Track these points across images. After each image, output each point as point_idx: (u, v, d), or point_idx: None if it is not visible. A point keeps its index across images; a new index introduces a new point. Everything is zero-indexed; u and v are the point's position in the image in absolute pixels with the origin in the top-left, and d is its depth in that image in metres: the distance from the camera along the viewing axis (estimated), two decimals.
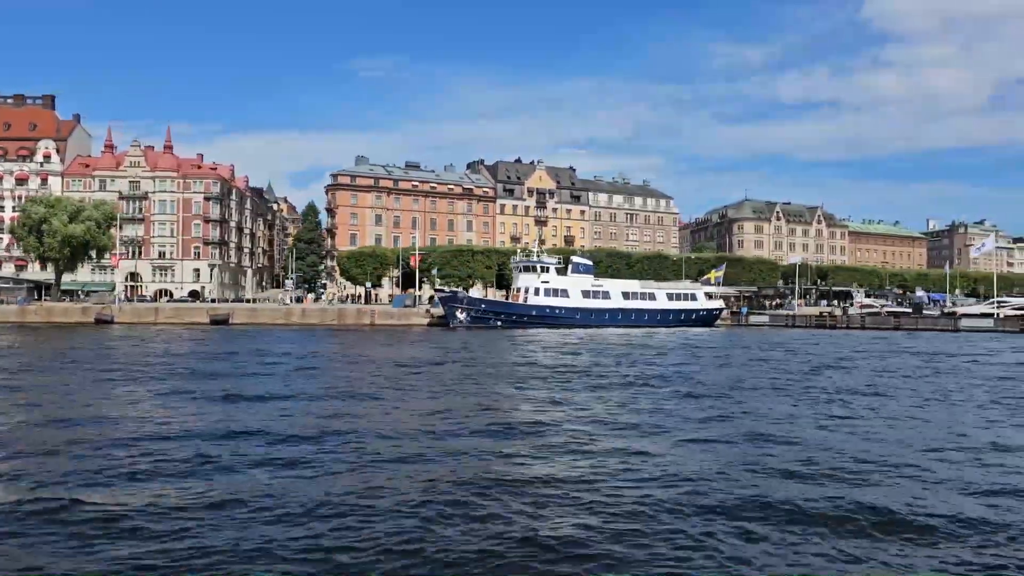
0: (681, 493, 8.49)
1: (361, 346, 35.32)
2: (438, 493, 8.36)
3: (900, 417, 14.69)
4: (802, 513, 7.78)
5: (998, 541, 7.07)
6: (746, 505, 8.04)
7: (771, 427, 13.17)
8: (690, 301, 66.56)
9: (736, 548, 6.76)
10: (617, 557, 6.54)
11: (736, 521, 7.51)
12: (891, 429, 13.31)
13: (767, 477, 9.39)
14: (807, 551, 6.73)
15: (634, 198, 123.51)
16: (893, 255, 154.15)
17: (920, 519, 7.64)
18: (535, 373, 22.22)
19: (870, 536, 7.17)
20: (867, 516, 7.70)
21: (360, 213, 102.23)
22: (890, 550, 6.81)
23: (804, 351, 34.00)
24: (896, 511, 7.86)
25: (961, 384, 20.74)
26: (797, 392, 18.64)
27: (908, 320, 57.79)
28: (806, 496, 8.38)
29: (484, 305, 59.39)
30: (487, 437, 11.90)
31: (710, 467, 9.86)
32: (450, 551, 6.66)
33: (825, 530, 7.29)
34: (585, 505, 8.04)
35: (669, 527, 7.29)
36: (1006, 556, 6.70)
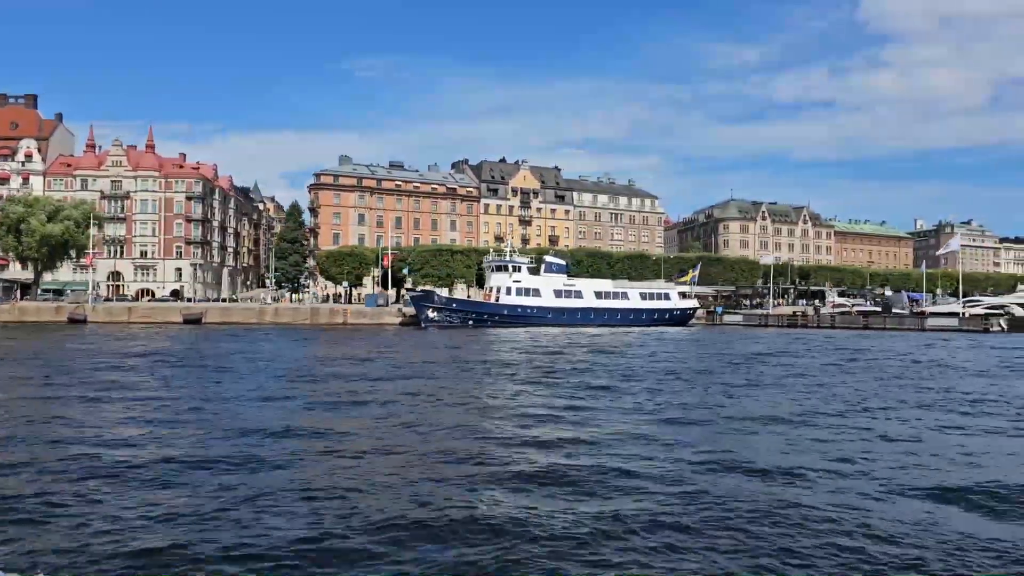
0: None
1: (314, 345, 35.63)
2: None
3: (704, 405, 14.98)
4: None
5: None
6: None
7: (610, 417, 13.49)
8: (663, 301, 66.95)
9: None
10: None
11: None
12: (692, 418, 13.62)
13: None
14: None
15: (619, 198, 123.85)
16: (879, 255, 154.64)
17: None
18: (464, 369, 22.55)
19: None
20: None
21: (343, 212, 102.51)
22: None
23: (738, 349, 34.33)
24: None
25: (837, 379, 21.04)
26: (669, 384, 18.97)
27: (876, 319, 58.22)
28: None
29: (455, 304, 59.75)
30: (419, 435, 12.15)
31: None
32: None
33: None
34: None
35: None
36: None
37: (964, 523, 7.27)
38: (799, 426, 12.90)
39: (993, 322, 52.17)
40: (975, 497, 8.16)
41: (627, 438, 11.51)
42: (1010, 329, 52.03)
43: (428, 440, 11.27)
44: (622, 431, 12.10)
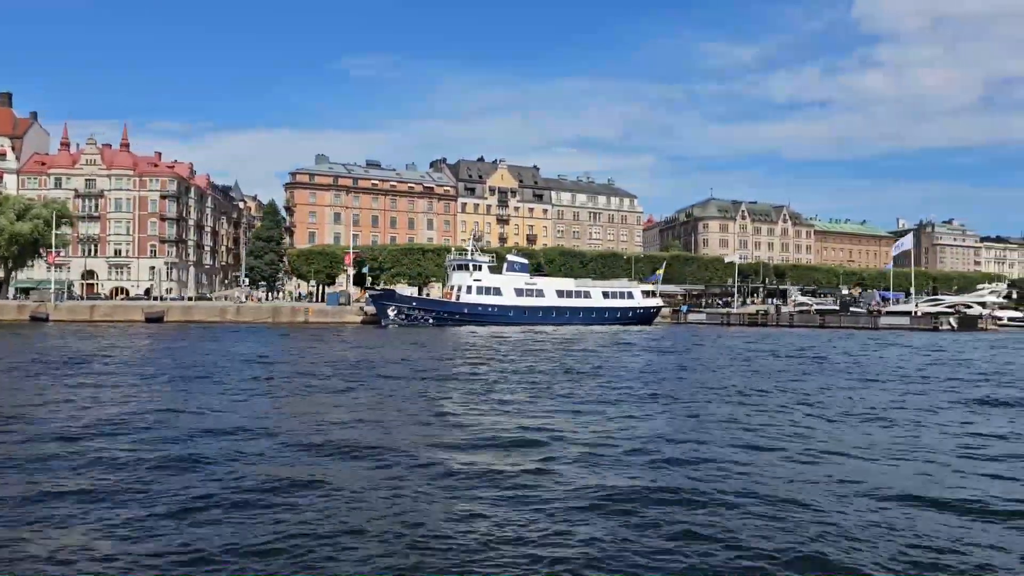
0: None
1: (263, 343, 36.01)
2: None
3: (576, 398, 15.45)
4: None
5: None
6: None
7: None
8: (626, 299, 67.39)
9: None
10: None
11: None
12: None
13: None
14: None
15: (598, 197, 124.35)
16: (860, 254, 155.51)
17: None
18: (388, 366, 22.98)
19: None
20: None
21: (318, 211, 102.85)
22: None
23: (680, 346, 34.84)
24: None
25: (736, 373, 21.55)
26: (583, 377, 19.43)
27: (832, 318, 58.90)
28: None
29: (415, 303, 60.13)
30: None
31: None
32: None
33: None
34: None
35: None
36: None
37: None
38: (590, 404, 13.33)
39: (943, 321, 52.82)
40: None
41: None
42: (959, 328, 52.72)
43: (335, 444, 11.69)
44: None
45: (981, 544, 6.72)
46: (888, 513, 7.60)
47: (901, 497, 8.16)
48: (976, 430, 12.57)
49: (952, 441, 11.56)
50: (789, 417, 13.84)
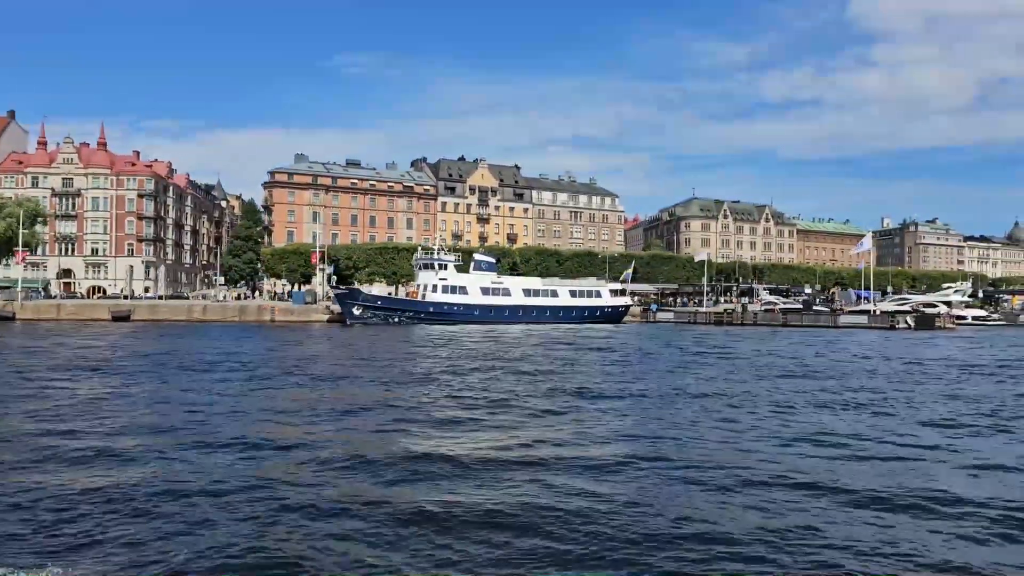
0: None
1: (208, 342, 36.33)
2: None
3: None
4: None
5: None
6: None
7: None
8: (594, 298, 67.76)
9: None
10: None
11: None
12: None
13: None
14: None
15: (579, 196, 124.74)
16: (842, 253, 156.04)
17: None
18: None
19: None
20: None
21: (297, 210, 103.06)
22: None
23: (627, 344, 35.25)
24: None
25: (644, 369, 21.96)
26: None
27: (795, 317, 59.40)
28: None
29: (380, 302, 60.44)
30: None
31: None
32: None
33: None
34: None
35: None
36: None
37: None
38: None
39: (899, 320, 53.33)
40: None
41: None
42: (917, 327, 53.22)
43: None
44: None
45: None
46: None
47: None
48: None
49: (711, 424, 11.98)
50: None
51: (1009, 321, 68.14)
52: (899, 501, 8.02)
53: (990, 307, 76.93)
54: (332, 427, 12.37)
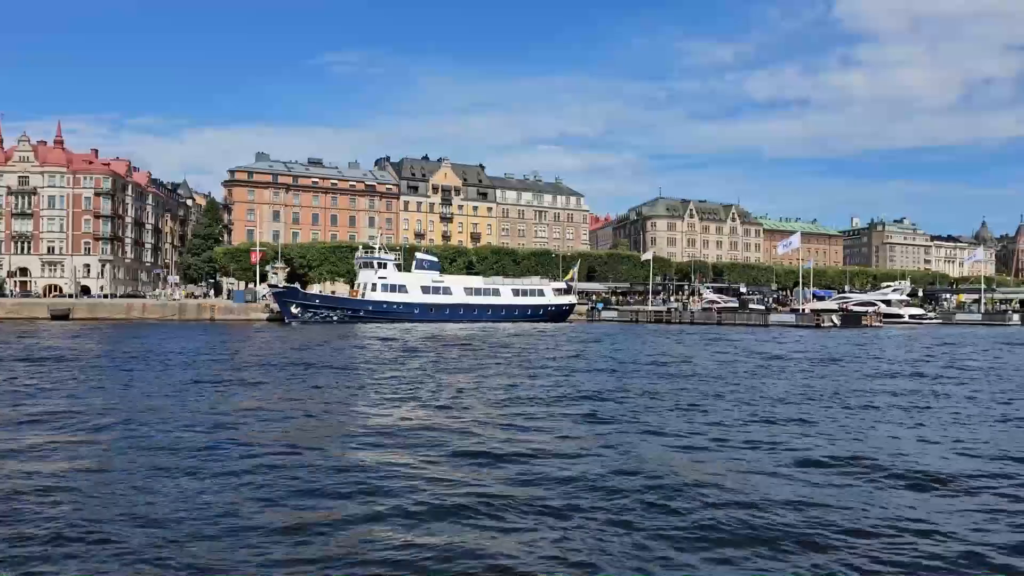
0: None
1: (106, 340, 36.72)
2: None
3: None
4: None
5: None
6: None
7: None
8: (537, 297, 68.44)
9: None
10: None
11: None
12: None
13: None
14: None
15: (544, 195, 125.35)
16: (810, 252, 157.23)
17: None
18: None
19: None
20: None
21: (257, 209, 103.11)
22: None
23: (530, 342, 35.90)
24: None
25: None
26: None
27: (729, 315, 60.34)
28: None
29: (318, 300, 60.89)
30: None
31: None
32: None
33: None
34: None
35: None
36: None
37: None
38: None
39: (825, 318, 54.34)
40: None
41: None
42: (842, 325, 54.25)
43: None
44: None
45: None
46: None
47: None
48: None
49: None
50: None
51: (945, 319, 69.38)
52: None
53: (930, 306, 78.25)
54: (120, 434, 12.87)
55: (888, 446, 11.14)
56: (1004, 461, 10.12)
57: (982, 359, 28.60)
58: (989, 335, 49.51)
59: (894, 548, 6.64)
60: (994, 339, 44.01)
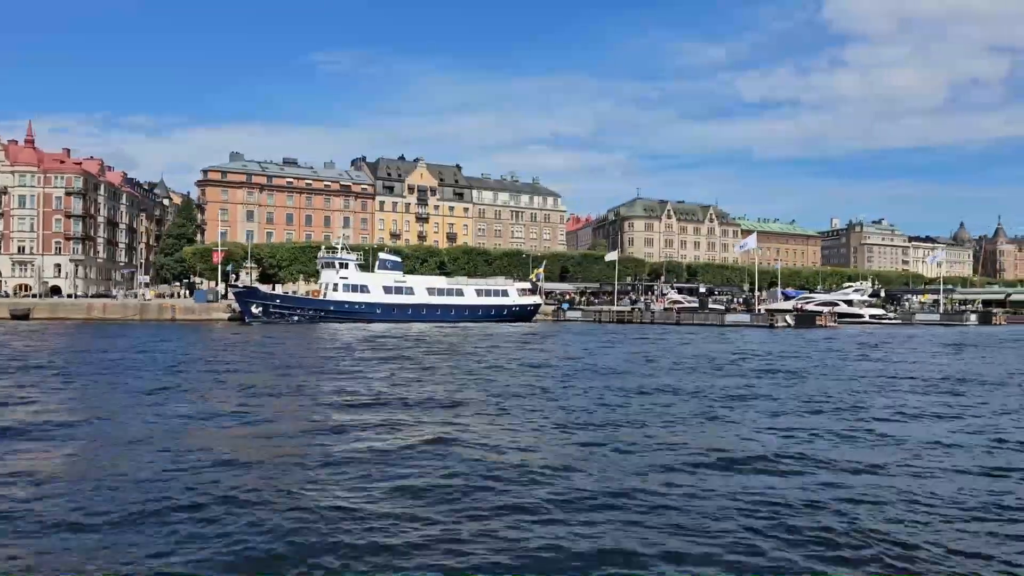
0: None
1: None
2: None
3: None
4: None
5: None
6: None
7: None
8: (501, 297, 68.80)
9: None
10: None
11: None
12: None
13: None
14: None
15: (521, 196, 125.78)
16: (788, 253, 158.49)
17: None
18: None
19: None
20: None
21: (231, 209, 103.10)
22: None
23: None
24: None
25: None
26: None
27: (687, 316, 60.94)
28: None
29: (280, 300, 61.03)
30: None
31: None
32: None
33: None
34: None
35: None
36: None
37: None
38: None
39: (778, 318, 54.95)
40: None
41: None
42: (796, 325, 54.86)
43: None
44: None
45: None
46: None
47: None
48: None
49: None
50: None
51: (905, 320, 70.19)
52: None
53: (891, 306, 79.11)
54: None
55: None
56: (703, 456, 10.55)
57: (874, 359, 29.16)
58: (929, 335, 50.29)
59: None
60: (932, 339, 44.70)
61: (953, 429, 12.82)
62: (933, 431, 12.57)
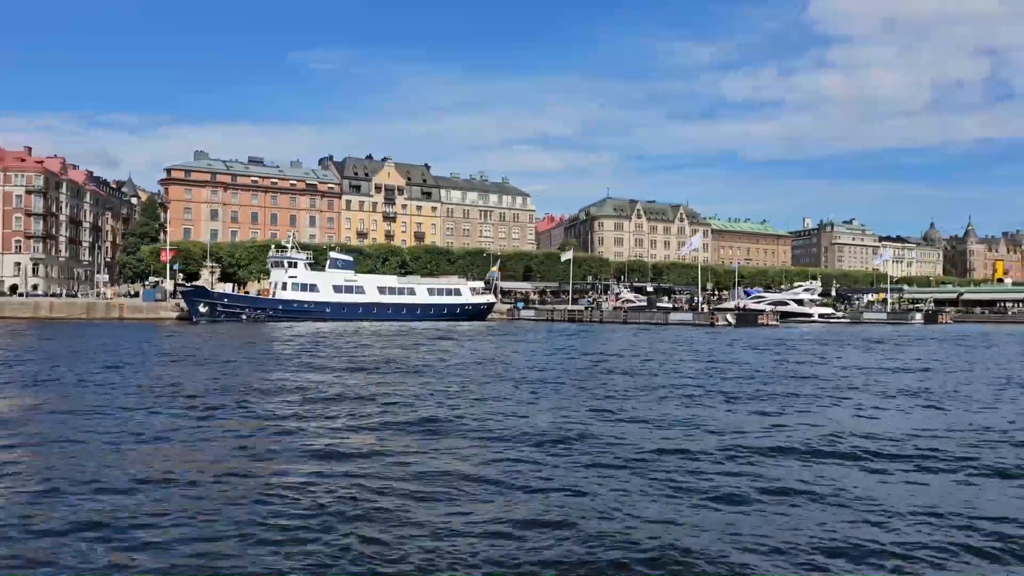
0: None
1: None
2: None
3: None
4: None
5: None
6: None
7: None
8: (454, 296, 69.26)
9: None
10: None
11: None
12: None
13: None
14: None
15: (489, 195, 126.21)
16: (758, 253, 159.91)
17: None
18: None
19: None
20: None
21: (195, 208, 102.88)
22: None
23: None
24: None
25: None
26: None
27: (634, 315, 61.68)
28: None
29: (227, 300, 61.17)
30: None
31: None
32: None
33: None
34: None
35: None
36: None
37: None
38: None
39: (719, 317, 55.73)
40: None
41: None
42: (737, 324, 55.65)
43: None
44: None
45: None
46: None
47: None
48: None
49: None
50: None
51: (853, 319, 71.28)
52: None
53: (842, 305, 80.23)
54: None
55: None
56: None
57: (770, 356, 29.86)
58: (858, 333, 51.24)
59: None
60: (863, 337, 45.58)
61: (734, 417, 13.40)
62: (715, 415, 13.15)
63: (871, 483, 8.98)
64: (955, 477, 9.35)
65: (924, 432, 12.38)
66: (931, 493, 8.50)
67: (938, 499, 8.18)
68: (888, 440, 11.62)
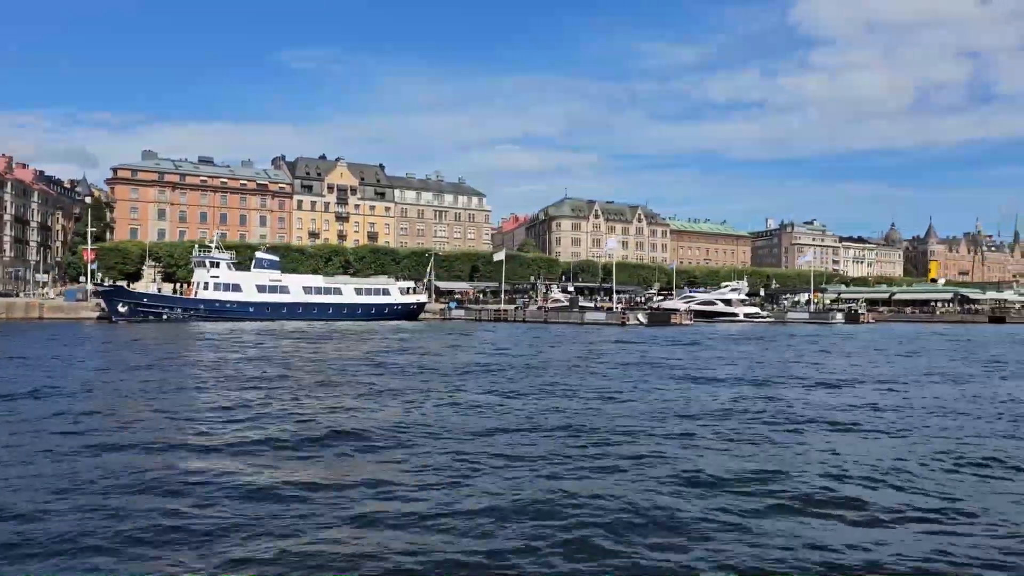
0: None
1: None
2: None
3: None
4: None
5: None
6: None
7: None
8: (382, 296, 69.76)
9: None
10: None
11: None
12: None
13: None
14: None
15: (444, 196, 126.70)
16: (717, 253, 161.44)
17: None
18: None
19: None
20: None
21: (141, 207, 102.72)
22: None
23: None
24: None
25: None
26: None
27: (554, 314, 62.52)
28: None
29: (147, 299, 61.40)
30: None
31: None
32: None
33: None
34: None
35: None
36: None
37: None
38: None
39: (630, 316, 56.63)
40: None
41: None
42: (650, 323, 56.56)
43: None
44: None
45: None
46: None
47: None
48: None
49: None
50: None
51: (778, 319, 72.48)
52: None
53: (770, 305, 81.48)
54: None
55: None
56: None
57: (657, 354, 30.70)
58: (777, 332, 52.34)
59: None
60: (753, 334, 46.60)
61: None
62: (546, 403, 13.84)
63: None
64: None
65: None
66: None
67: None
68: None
